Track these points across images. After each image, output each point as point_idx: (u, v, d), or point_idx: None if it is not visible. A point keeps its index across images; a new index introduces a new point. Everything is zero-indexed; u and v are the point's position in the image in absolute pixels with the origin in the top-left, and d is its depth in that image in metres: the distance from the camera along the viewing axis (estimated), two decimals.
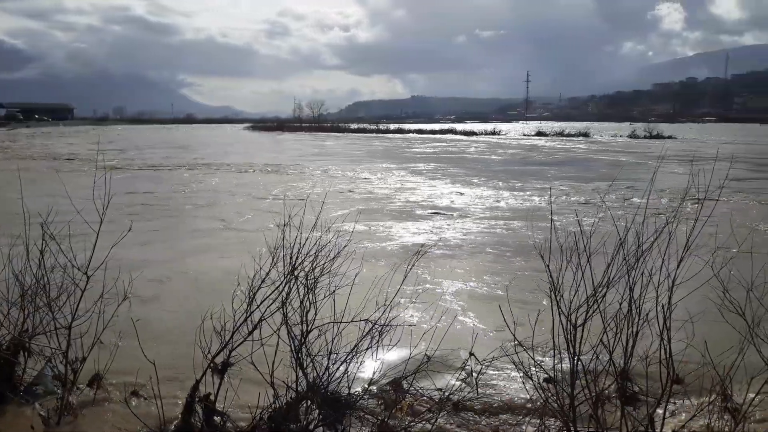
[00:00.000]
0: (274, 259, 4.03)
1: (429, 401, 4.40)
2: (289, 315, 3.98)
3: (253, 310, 3.94)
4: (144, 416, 4.02)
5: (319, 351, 4.00)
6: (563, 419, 3.60)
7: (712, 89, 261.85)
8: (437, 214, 14.54)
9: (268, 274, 3.99)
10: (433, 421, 4.11)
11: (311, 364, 3.99)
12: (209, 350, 3.92)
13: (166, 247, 10.84)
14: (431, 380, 4.56)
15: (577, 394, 3.60)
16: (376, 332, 4.07)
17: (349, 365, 4.03)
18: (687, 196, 4.10)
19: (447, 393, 4.33)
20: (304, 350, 3.96)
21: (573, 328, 3.61)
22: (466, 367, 4.76)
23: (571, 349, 3.60)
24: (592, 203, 15.96)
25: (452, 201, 16.93)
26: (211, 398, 3.96)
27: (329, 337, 4.00)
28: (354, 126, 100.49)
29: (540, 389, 3.82)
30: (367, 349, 4.07)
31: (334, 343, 3.99)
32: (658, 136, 64.77)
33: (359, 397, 4.19)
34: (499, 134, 76.57)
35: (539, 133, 76.33)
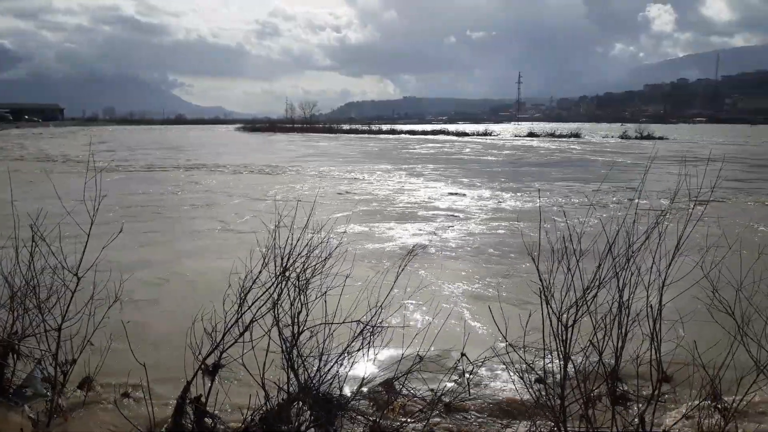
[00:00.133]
0: (265, 260, 4.02)
1: (421, 402, 4.40)
2: (280, 316, 3.96)
3: (244, 312, 3.92)
4: (134, 418, 4.00)
5: (311, 352, 3.98)
6: (554, 419, 3.61)
7: (703, 90, 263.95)
8: (440, 215, 14.54)
9: (258, 275, 3.97)
10: (426, 421, 4.11)
11: (303, 365, 3.97)
12: (200, 352, 3.90)
13: (164, 248, 10.79)
14: (423, 381, 4.56)
15: (567, 394, 3.61)
16: (368, 333, 4.06)
17: (341, 366, 4.02)
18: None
19: (439, 393, 4.34)
20: (296, 351, 3.95)
21: (564, 329, 3.61)
22: (458, 368, 4.77)
23: (561, 349, 3.60)
24: (596, 205, 15.86)
25: (454, 202, 16.93)
26: (202, 400, 3.94)
27: (321, 339, 3.99)
28: (346, 127, 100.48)
29: (531, 390, 3.83)
30: (359, 350, 4.05)
31: (325, 344, 3.97)
32: (649, 137, 65.17)
33: (351, 398, 4.18)
34: (491, 135, 76.83)
35: (531, 134, 76.71)
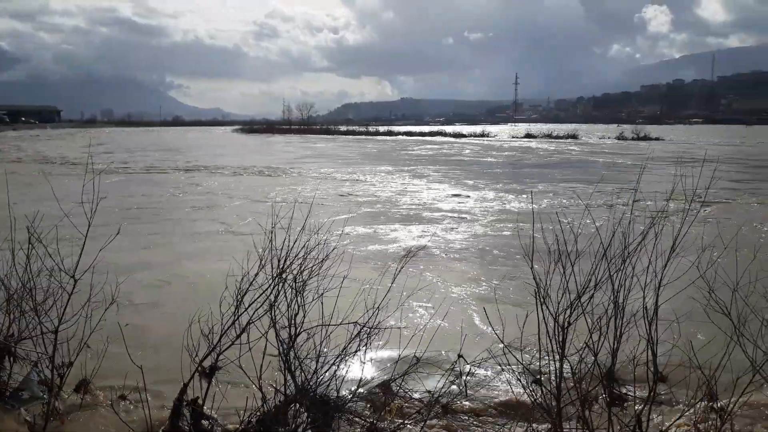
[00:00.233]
0: (262, 262, 4.01)
1: (418, 403, 4.40)
2: (277, 318, 3.96)
3: (241, 314, 3.92)
4: (131, 421, 4.00)
5: (308, 354, 3.98)
6: (551, 421, 3.61)
7: (699, 91, 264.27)
8: (444, 217, 14.54)
9: (255, 277, 3.97)
10: (423, 423, 4.11)
11: (300, 367, 3.97)
12: (197, 354, 3.89)
13: (165, 250, 10.78)
14: (420, 382, 4.56)
15: (564, 395, 3.61)
16: (365, 335, 4.06)
17: (337, 368, 4.01)
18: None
19: (436, 395, 4.33)
20: (293, 353, 3.94)
21: (560, 330, 3.61)
22: (455, 369, 4.76)
23: (558, 350, 3.60)
24: (601, 206, 15.41)
25: (458, 204, 16.91)
26: (199, 402, 3.94)
27: (318, 340, 3.99)
28: (343, 128, 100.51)
29: (528, 391, 3.83)
30: (357, 351, 4.05)
31: (322, 346, 3.97)
32: (645, 138, 65.29)
33: (348, 400, 4.17)
34: (488, 136, 76.90)
35: (528, 135, 76.87)
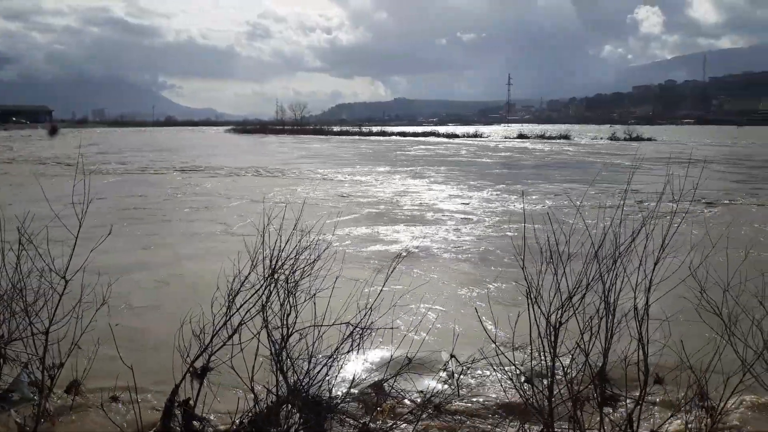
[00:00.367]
0: (253, 263, 4.00)
1: (411, 403, 4.40)
2: (269, 319, 3.95)
3: (233, 314, 3.91)
4: (122, 422, 3.98)
5: (300, 355, 3.97)
6: (543, 420, 3.62)
7: (691, 92, 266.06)
8: (447, 218, 14.52)
9: (247, 277, 3.96)
10: (415, 423, 4.11)
11: (292, 367, 3.96)
12: (188, 355, 3.88)
13: (163, 251, 10.72)
14: (413, 382, 4.56)
15: (555, 395, 3.61)
16: (357, 335, 4.05)
17: (330, 368, 4.00)
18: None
19: (428, 395, 4.33)
20: (285, 354, 3.93)
21: (552, 330, 3.62)
22: (447, 369, 4.77)
23: (549, 350, 3.61)
24: (606, 207, 15.46)
25: (459, 204, 16.90)
26: (191, 403, 3.93)
27: (310, 341, 3.98)
28: (336, 128, 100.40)
29: (520, 391, 3.83)
30: (349, 352, 4.04)
31: (315, 347, 3.96)
32: (637, 138, 65.60)
33: (340, 401, 4.17)
34: (481, 137, 77.07)
35: (521, 136, 77.09)
